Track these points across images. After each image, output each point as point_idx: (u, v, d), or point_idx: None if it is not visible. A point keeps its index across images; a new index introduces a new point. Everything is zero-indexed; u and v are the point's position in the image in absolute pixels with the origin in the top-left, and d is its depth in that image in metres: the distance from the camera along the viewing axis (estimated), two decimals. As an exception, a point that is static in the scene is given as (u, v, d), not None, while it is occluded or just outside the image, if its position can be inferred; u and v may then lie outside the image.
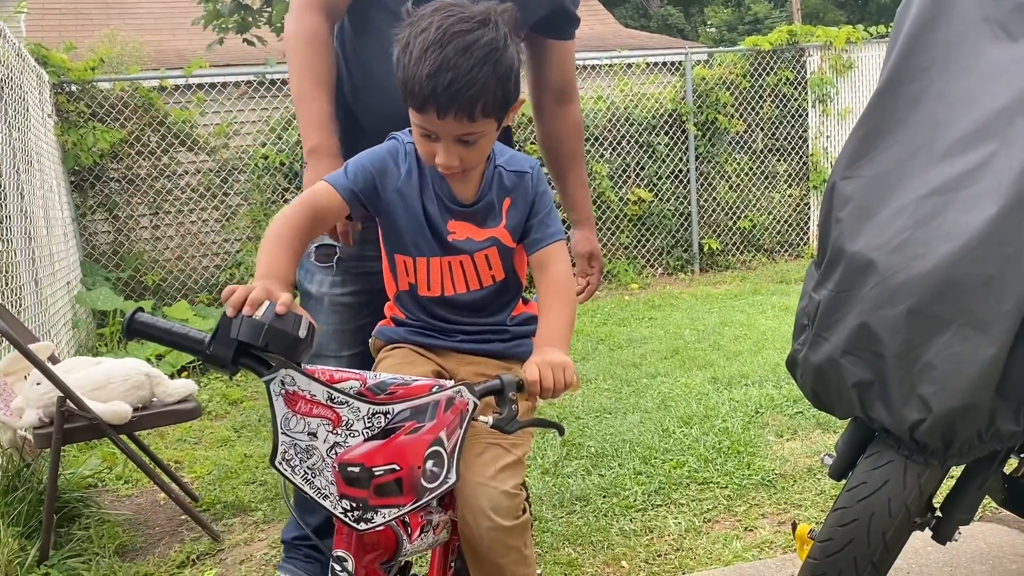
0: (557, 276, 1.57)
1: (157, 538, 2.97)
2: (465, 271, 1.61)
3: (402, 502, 1.25)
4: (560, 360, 1.38)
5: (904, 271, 1.59)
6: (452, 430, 1.29)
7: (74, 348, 5.26)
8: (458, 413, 1.30)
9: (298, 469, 1.26)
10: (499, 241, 1.60)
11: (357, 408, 1.24)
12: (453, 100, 1.38)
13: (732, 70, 8.24)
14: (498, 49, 1.40)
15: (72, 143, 6.27)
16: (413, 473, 1.25)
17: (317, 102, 1.88)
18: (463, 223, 1.59)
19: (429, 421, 1.27)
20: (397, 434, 1.25)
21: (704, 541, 2.64)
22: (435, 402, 1.28)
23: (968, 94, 1.69)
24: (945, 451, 1.65)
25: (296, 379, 1.26)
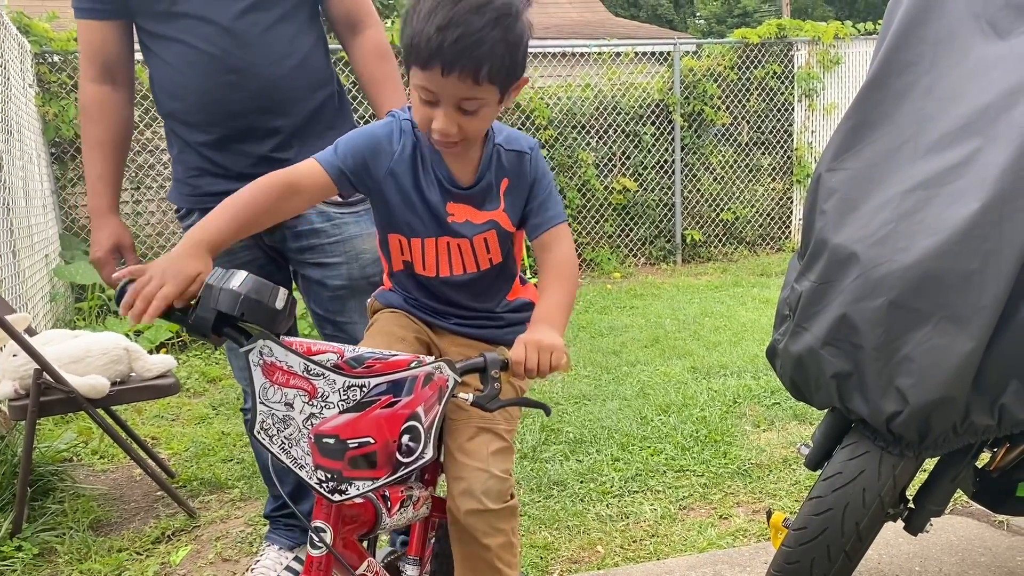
0: (559, 257, 1.55)
1: (132, 513, 2.96)
2: (463, 254, 1.59)
3: (376, 475, 1.26)
4: (549, 341, 1.36)
5: (886, 264, 1.60)
6: (430, 406, 1.29)
7: (51, 321, 5.20)
8: (437, 389, 1.30)
9: (276, 439, 1.27)
10: (498, 224, 1.58)
11: (333, 380, 1.25)
12: (460, 56, 1.33)
13: (720, 62, 8.26)
14: (511, 15, 1.37)
15: (53, 114, 6.18)
16: (388, 447, 1.26)
17: (89, 166, 2.13)
18: (462, 205, 1.56)
19: (406, 396, 1.27)
20: (372, 407, 1.26)
21: (679, 528, 2.66)
22: (413, 377, 1.28)
23: (955, 90, 1.70)
24: (920, 443, 1.67)
25: (274, 350, 1.27)
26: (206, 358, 5.14)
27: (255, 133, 2.02)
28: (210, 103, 1.99)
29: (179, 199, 2.17)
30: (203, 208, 2.11)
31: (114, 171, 2.15)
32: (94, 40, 2.05)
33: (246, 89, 1.98)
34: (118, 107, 2.12)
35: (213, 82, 1.97)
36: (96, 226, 2.15)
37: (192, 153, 2.08)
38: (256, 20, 1.97)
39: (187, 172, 2.11)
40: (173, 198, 2.19)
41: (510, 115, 7.51)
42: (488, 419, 1.58)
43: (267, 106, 2.00)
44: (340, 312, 2.12)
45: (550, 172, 1.61)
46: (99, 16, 2.02)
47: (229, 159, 2.04)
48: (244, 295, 1.27)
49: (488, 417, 1.58)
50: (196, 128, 2.04)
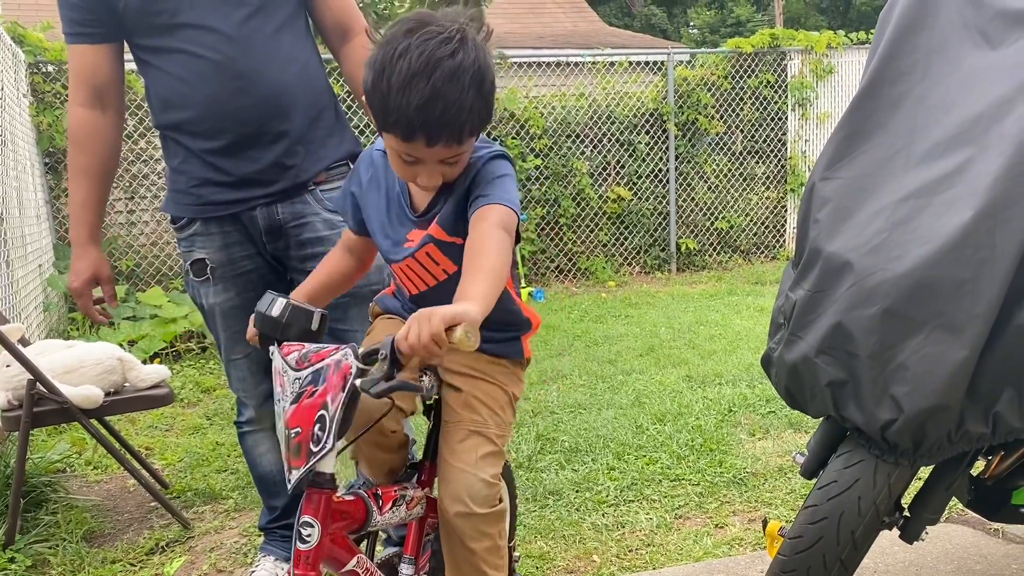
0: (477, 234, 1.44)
1: (126, 524, 2.94)
2: (416, 271, 1.63)
3: (299, 464, 1.31)
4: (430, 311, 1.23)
5: (880, 273, 1.60)
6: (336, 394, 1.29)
7: (45, 331, 5.19)
8: (342, 376, 1.30)
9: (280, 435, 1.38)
10: (433, 237, 1.58)
11: (290, 376, 1.37)
12: (444, 128, 1.36)
13: (714, 71, 8.29)
14: (480, 69, 1.37)
15: (47, 124, 6.17)
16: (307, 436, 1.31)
17: (72, 194, 2.17)
18: (416, 231, 1.61)
19: (321, 385, 1.32)
20: (302, 398, 1.33)
21: (675, 537, 2.65)
22: (326, 366, 1.32)
23: (947, 99, 1.71)
24: (915, 451, 1.67)
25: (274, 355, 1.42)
26: (200, 368, 5.13)
27: (263, 138, 2.03)
28: (218, 110, 2.00)
29: (180, 209, 2.16)
30: (206, 218, 2.12)
31: (97, 201, 2.19)
32: (84, 64, 2.07)
33: (253, 94, 1.99)
34: (107, 133, 2.14)
35: (220, 89, 1.98)
36: (76, 255, 2.19)
37: (197, 163, 2.08)
38: (258, 27, 1.99)
39: (190, 182, 2.11)
40: (171, 209, 2.19)
41: (505, 124, 7.52)
42: (479, 423, 1.60)
43: (273, 111, 2.02)
44: (342, 320, 2.13)
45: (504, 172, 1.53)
46: (91, 40, 2.04)
47: (238, 165, 2.05)
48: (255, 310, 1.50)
49: (479, 421, 1.60)
50: (203, 136, 2.04)
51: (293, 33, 2.06)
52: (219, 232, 2.13)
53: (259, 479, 2.39)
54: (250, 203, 2.09)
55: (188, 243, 2.18)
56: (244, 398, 2.29)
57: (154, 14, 1.97)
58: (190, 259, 2.17)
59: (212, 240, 2.13)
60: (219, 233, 2.13)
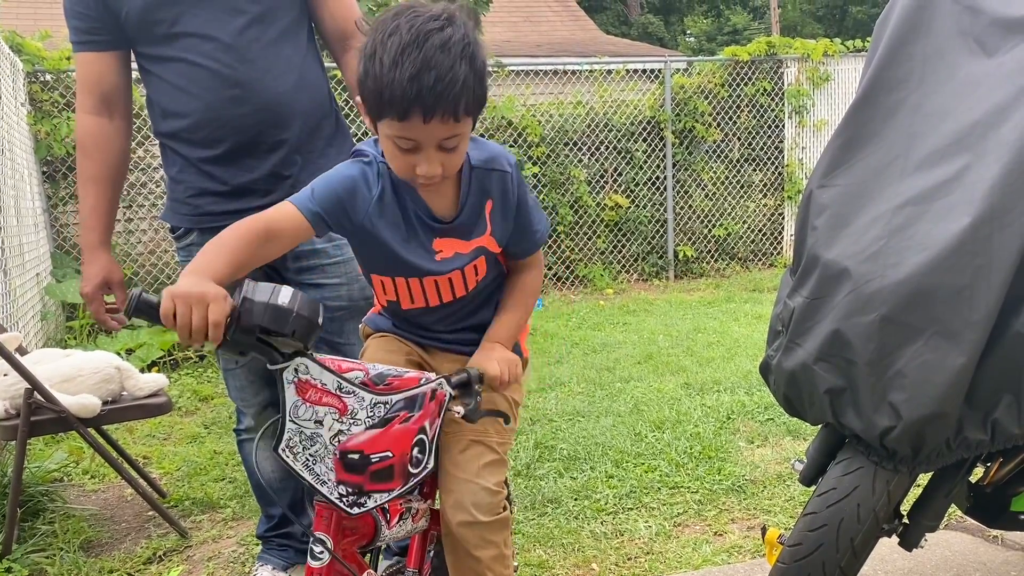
0: (527, 281, 1.67)
1: (123, 534, 2.93)
2: (453, 284, 1.58)
3: (392, 487, 1.33)
4: (512, 357, 1.56)
5: (878, 279, 1.61)
6: (433, 419, 1.40)
7: (42, 340, 5.18)
8: (438, 404, 1.40)
9: (300, 456, 1.28)
10: (486, 249, 1.57)
11: (362, 397, 1.30)
12: (439, 100, 1.31)
13: (711, 79, 8.31)
14: (471, 44, 1.35)
15: (45, 133, 6.17)
16: (403, 460, 1.33)
17: (82, 200, 2.14)
18: (448, 239, 1.54)
19: (418, 411, 1.36)
20: (392, 423, 1.32)
21: (674, 545, 2.65)
22: (423, 393, 1.36)
23: (944, 107, 1.71)
24: (914, 458, 1.67)
25: (310, 368, 1.27)
26: (198, 376, 5.12)
27: (260, 147, 2.03)
28: (214, 118, 2.00)
29: (177, 219, 2.16)
30: (202, 228, 2.12)
31: (108, 206, 2.16)
32: (92, 72, 2.07)
33: (249, 103, 1.99)
34: (114, 140, 2.13)
35: (217, 97, 1.98)
36: (86, 261, 2.16)
37: (194, 172, 2.08)
38: (256, 36, 2.00)
39: (187, 192, 2.11)
40: (169, 218, 2.19)
41: (503, 132, 7.53)
42: (480, 432, 1.60)
43: (270, 119, 2.02)
44: (338, 334, 2.12)
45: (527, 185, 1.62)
46: (98, 48, 2.04)
47: (234, 174, 2.05)
48: (296, 312, 1.22)
49: (480, 430, 1.60)
50: (199, 145, 2.04)
51: (293, 42, 2.06)
52: None
53: (257, 487, 2.38)
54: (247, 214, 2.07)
55: (186, 252, 2.18)
56: (243, 407, 2.29)
57: (154, 23, 1.98)
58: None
59: None
60: None
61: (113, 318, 2.21)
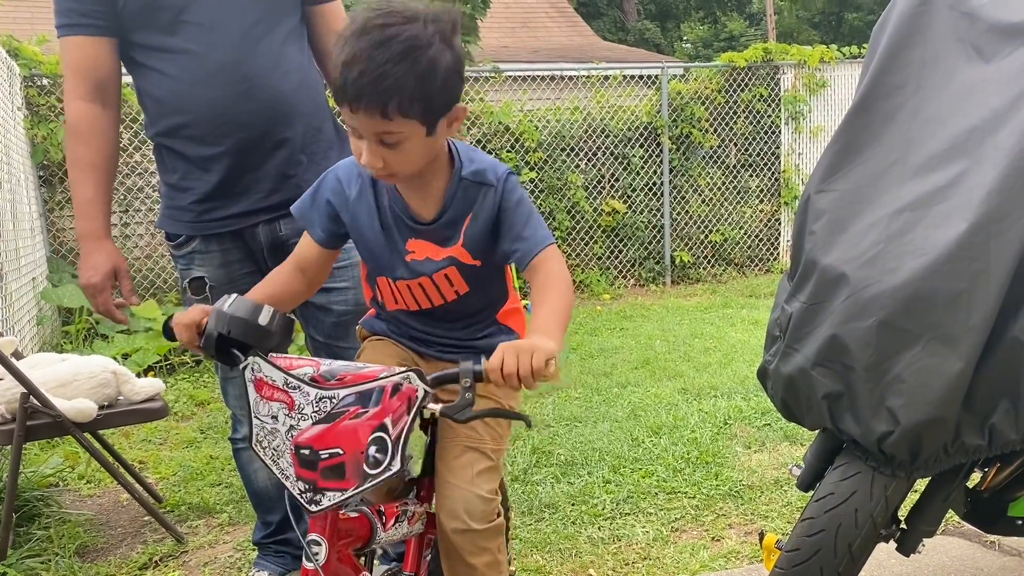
0: (549, 273, 1.50)
1: (119, 539, 2.92)
2: (426, 290, 1.59)
3: (345, 486, 1.28)
4: (530, 344, 1.29)
5: (875, 285, 1.61)
6: (398, 417, 1.29)
7: (38, 345, 5.17)
8: (406, 400, 1.30)
9: (267, 451, 1.33)
10: (457, 260, 1.56)
11: (307, 392, 1.30)
12: (362, 93, 1.31)
13: (707, 85, 8.33)
14: (420, 47, 1.33)
15: (42, 137, 6.16)
16: (356, 458, 1.28)
17: (80, 188, 2.05)
18: (423, 242, 1.55)
19: (373, 407, 1.29)
20: (341, 419, 1.29)
21: (671, 550, 2.65)
22: (380, 388, 1.29)
23: (941, 113, 1.72)
24: (912, 463, 1.67)
25: (261, 366, 1.34)
26: (194, 381, 5.11)
27: (266, 144, 2.00)
28: (221, 113, 1.95)
29: (178, 227, 2.12)
30: (206, 235, 2.08)
31: (105, 194, 2.10)
32: (86, 57, 1.99)
33: (257, 98, 1.96)
34: (108, 127, 2.06)
35: (224, 91, 1.94)
36: (90, 250, 2.07)
37: (197, 175, 2.03)
38: (265, 32, 1.97)
39: (190, 198, 2.06)
40: (168, 226, 2.14)
41: (499, 137, 7.54)
42: (475, 438, 1.59)
43: (276, 116, 1.99)
44: (343, 338, 2.10)
45: (527, 198, 1.56)
46: (93, 32, 1.97)
47: (239, 173, 2.02)
48: (231, 315, 1.37)
49: (475, 436, 1.59)
50: (203, 142, 2.00)
51: (297, 44, 2.05)
52: (219, 250, 2.10)
53: (254, 495, 2.37)
54: (251, 219, 2.06)
55: (186, 260, 2.14)
56: (240, 415, 2.28)
57: (159, 9, 1.92)
58: (188, 276, 2.13)
59: (212, 258, 2.10)
60: (219, 251, 2.10)
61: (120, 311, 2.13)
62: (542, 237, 1.53)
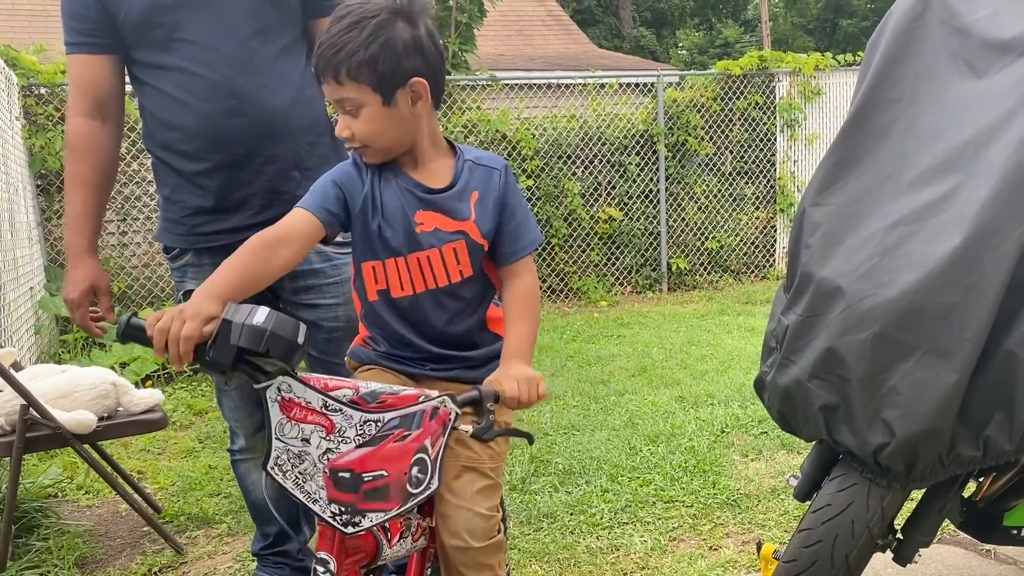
0: (526, 288, 1.64)
1: (118, 550, 2.93)
2: (433, 266, 1.61)
3: (388, 506, 1.32)
4: (533, 375, 1.51)
5: (871, 298, 1.63)
6: (436, 438, 1.37)
7: (36, 354, 5.17)
8: (442, 422, 1.38)
9: (289, 474, 1.29)
10: (468, 235, 1.60)
11: (350, 416, 1.29)
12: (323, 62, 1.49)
13: (703, 93, 8.36)
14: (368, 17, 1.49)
15: (40, 146, 6.17)
16: (400, 479, 1.31)
17: (71, 203, 2.11)
18: (432, 213, 1.60)
19: (416, 429, 1.34)
20: (386, 441, 1.31)
21: (669, 560, 2.66)
22: (421, 411, 1.34)
23: (934, 127, 1.74)
24: (907, 475, 1.69)
25: (292, 386, 1.29)
26: (192, 390, 5.11)
27: (254, 160, 2.02)
28: (210, 128, 1.98)
29: (172, 239, 2.14)
30: (198, 248, 2.11)
31: (96, 210, 2.14)
32: (87, 74, 2.04)
33: (246, 115, 1.99)
34: (106, 144, 2.10)
35: (213, 107, 1.97)
36: (73, 265, 2.12)
37: (189, 189, 2.06)
38: (257, 49, 1.99)
39: (181, 212, 2.09)
40: (163, 238, 2.17)
41: (496, 146, 7.56)
42: (473, 458, 1.61)
43: (266, 132, 2.01)
44: (336, 354, 2.11)
45: (522, 193, 1.66)
46: (95, 51, 2.02)
47: (228, 188, 2.03)
48: (270, 331, 1.24)
49: (473, 456, 1.61)
50: (192, 157, 2.02)
51: (293, 59, 2.06)
52: (211, 263, 2.09)
53: (253, 506, 2.38)
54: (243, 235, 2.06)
55: (180, 273, 2.16)
56: (236, 427, 2.28)
57: (153, 27, 1.96)
58: (182, 289, 2.16)
59: (204, 271, 2.10)
60: (211, 264, 2.09)
61: (97, 326, 2.18)
62: (532, 240, 1.67)
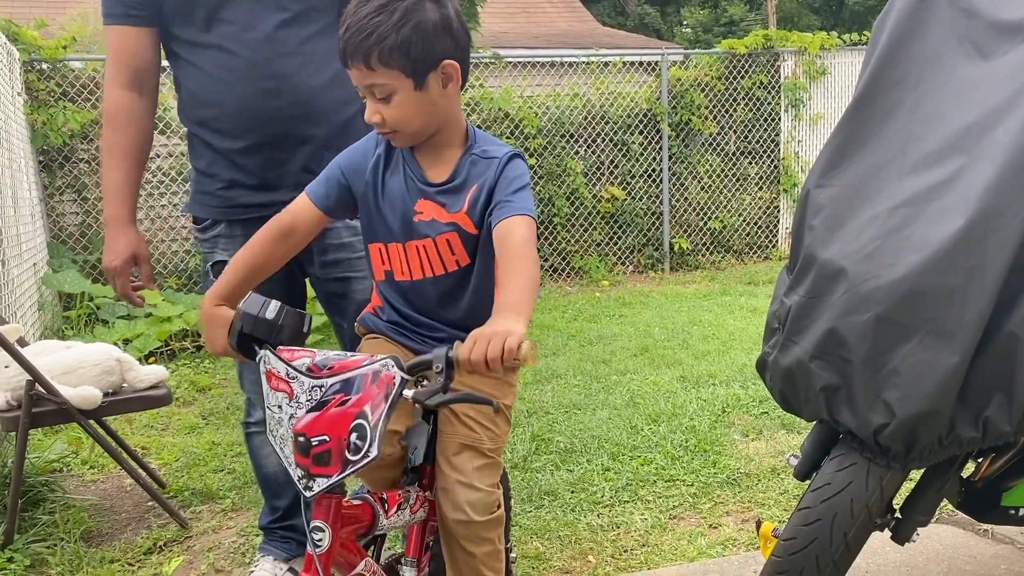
0: (513, 244, 1.49)
1: (123, 524, 2.96)
2: (429, 255, 1.63)
3: (330, 472, 1.32)
4: (501, 328, 1.28)
5: (873, 279, 1.63)
6: (376, 404, 1.32)
7: (40, 331, 5.19)
8: (384, 387, 1.32)
9: (276, 439, 1.38)
10: (459, 227, 1.61)
11: (303, 382, 1.35)
12: (349, 47, 1.47)
13: (707, 72, 8.32)
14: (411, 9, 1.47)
15: (42, 122, 6.16)
16: (340, 445, 1.31)
17: (110, 174, 2.14)
18: (431, 203, 1.62)
19: (356, 394, 1.32)
20: (328, 406, 1.32)
21: (669, 537, 2.68)
22: (362, 375, 1.33)
23: (940, 109, 1.73)
24: (907, 455, 1.70)
25: (270, 358, 1.40)
26: (195, 367, 5.13)
27: (289, 141, 2.05)
28: (247, 109, 2.02)
29: (205, 211, 2.18)
30: (231, 220, 2.15)
31: (135, 181, 2.19)
32: (127, 47, 2.08)
33: (284, 96, 2.02)
34: (143, 116, 2.15)
35: (251, 88, 2.00)
36: (114, 235, 2.17)
37: (224, 164, 2.10)
38: (297, 32, 2.02)
39: (217, 184, 2.13)
40: (195, 210, 2.22)
41: (499, 124, 7.54)
42: (473, 437, 1.63)
43: (303, 114, 2.04)
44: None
45: (526, 178, 1.61)
46: (135, 23, 2.05)
47: (263, 167, 2.07)
48: (243, 311, 1.45)
49: (472, 436, 1.63)
50: (229, 136, 2.06)
51: (328, 41, 2.07)
52: (243, 235, 2.10)
53: (264, 479, 2.40)
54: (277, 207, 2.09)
55: (211, 244, 2.20)
56: (256, 400, 2.31)
57: (196, 5, 1.99)
58: (211, 260, 2.19)
59: (235, 242, 2.11)
60: (243, 236, 2.10)
61: (138, 295, 2.25)
62: (523, 207, 1.55)
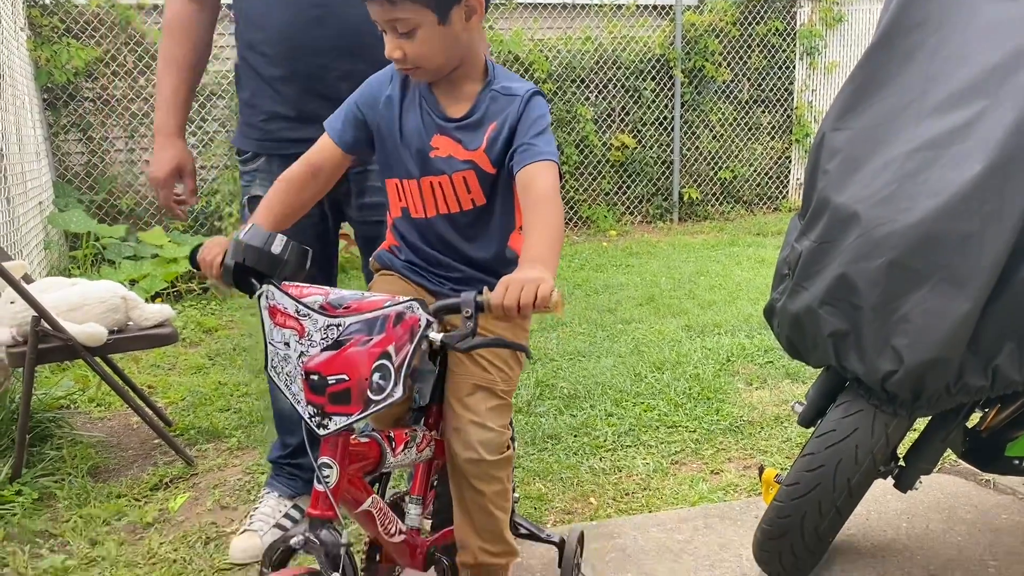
0: (540, 192, 1.47)
1: (130, 461, 2.99)
2: (444, 192, 1.61)
3: (350, 411, 1.31)
4: (530, 276, 1.28)
5: (887, 224, 1.60)
6: (402, 344, 1.33)
7: (46, 269, 5.19)
8: (408, 328, 1.33)
9: (281, 376, 1.37)
10: (477, 165, 1.59)
11: (316, 320, 1.33)
12: None
13: (722, 17, 8.15)
14: None
15: (45, 59, 6.09)
16: (360, 384, 1.31)
17: (163, 83, 2.16)
18: (447, 139, 1.59)
19: (378, 335, 1.32)
20: (347, 346, 1.31)
21: (671, 482, 2.70)
22: (384, 316, 1.32)
23: (962, 51, 1.69)
24: (914, 402, 1.69)
25: (274, 293, 1.38)
26: (201, 308, 5.14)
27: (332, 73, 2.03)
28: (292, 35, 2.01)
29: (247, 143, 2.18)
30: (270, 154, 2.15)
31: (188, 92, 2.20)
32: None
33: (330, 26, 2.00)
34: (202, 27, 2.17)
35: (299, 15, 1.99)
36: (161, 145, 2.18)
37: (267, 93, 2.09)
38: None
39: (260, 116, 2.13)
40: (239, 142, 2.22)
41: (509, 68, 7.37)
42: (486, 379, 1.62)
43: (346, 47, 2.02)
44: None
45: (548, 118, 1.58)
46: None
47: (303, 98, 2.06)
48: (246, 244, 1.41)
49: (486, 377, 1.62)
50: (273, 61, 2.06)
51: None
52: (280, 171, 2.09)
53: (279, 413, 2.41)
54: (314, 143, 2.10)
55: (250, 177, 2.20)
56: None
57: None
58: (248, 194, 2.20)
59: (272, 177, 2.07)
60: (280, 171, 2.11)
61: (180, 208, 2.26)
62: (547, 151, 1.52)
